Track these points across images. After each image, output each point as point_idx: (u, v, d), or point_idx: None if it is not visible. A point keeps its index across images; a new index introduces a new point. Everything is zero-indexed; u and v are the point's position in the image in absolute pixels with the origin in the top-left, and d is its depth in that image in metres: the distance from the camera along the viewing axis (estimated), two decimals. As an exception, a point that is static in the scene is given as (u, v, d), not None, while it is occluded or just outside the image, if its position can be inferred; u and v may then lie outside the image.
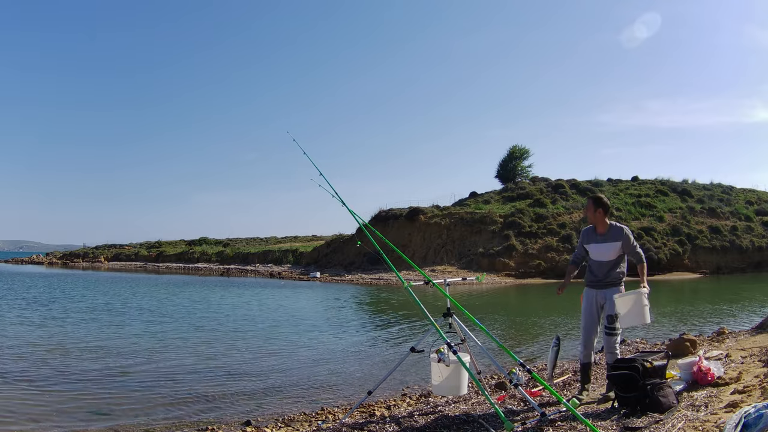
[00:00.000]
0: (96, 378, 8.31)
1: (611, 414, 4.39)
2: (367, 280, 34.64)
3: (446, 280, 5.73)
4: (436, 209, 43.58)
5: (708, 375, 5.00)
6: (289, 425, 5.75)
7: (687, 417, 3.99)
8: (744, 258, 38.91)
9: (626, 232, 5.12)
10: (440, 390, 5.31)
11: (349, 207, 6.26)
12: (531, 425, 4.35)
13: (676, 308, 18.13)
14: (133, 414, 6.45)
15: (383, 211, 45.46)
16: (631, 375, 4.38)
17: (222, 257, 61.88)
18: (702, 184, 47.94)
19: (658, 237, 37.60)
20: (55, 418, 6.26)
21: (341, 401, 6.91)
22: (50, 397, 7.21)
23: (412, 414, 5.40)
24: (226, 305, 20.34)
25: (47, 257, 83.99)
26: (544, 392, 5.61)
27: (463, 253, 38.15)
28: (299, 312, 18.37)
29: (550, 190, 44.27)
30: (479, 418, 4.83)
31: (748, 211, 42.89)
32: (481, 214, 40.58)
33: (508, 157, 50.22)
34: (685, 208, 41.85)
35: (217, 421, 6.12)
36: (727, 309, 17.42)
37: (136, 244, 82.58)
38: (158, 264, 65.66)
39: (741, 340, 8.43)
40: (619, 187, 45.83)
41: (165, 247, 74.12)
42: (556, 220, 39.03)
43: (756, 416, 3.28)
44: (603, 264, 5.12)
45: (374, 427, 4.89)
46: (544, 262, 35.38)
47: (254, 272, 47.87)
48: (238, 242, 73.91)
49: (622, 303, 4.87)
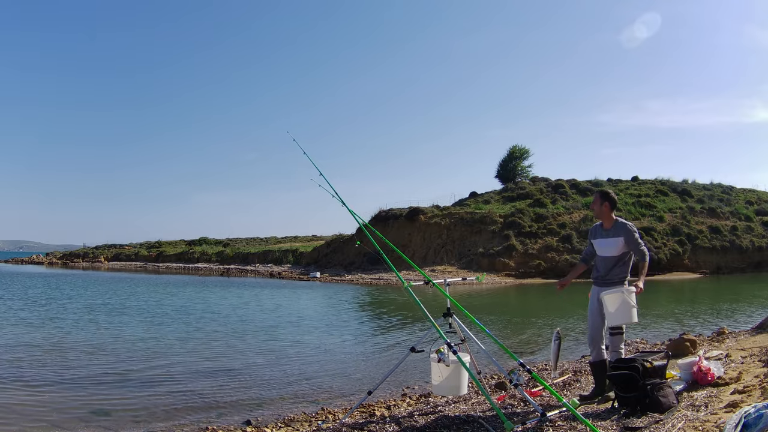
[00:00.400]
0: (95, 378, 8.30)
1: (611, 414, 4.39)
2: (367, 280, 34.64)
3: (446, 280, 5.73)
4: (436, 209, 43.58)
5: (708, 375, 5.00)
6: (289, 425, 5.75)
7: (687, 417, 3.99)
8: (744, 258, 38.91)
9: (630, 228, 5.11)
10: (440, 390, 5.30)
11: (349, 207, 6.26)
12: (531, 425, 4.35)
13: (676, 308, 18.14)
14: (133, 414, 6.45)
15: (383, 211, 45.48)
16: (631, 375, 4.38)
17: (222, 257, 61.89)
18: (702, 184, 47.96)
19: (658, 237, 37.60)
20: (55, 419, 6.25)
21: (341, 401, 6.91)
22: (49, 397, 7.20)
23: (412, 414, 5.40)
24: (226, 305, 20.34)
25: (47, 257, 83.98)
26: (544, 392, 5.61)
27: (463, 253, 38.15)
28: (299, 312, 18.36)
29: (550, 190, 44.28)
30: (479, 418, 4.83)
31: (748, 211, 42.90)
32: (481, 214, 40.59)
33: (508, 157, 50.23)
34: (685, 208, 41.85)
35: (218, 421, 6.12)
36: (727, 309, 17.42)
37: (136, 244, 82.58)
38: (158, 264, 65.65)
39: (741, 340, 8.43)
40: (619, 187, 45.81)
41: (165, 247, 74.11)
42: (556, 220, 39.03)
43: (756, 416, 3.28)
44: (607, 260, 5.11)
45: (374, 427, 4.89)
46: (544, 262, 35.39)
47: (254, 272, 47.87)
48: (238, 242, 73.91)
49: (610, 300, 4.86)
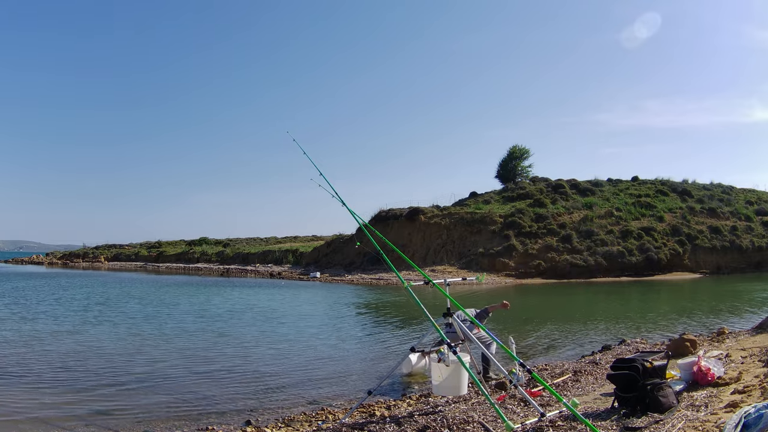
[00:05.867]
0: (96, 378, 8.31)
1: (611, 414, 4.38)
2: (367, 280, 34.64)
3: (446, 280, 5.74)
4: (436, 209, 43.58)
5: (708, 375, 5.00)
6: (289, 425, 5.75)
7: (687, 417, 3.99)
8: (744, 258, 38.90)
9: None
10: (440, 390, 5.31)
11: (349, 207, 6.27)
12: (531, 425, 4.35)
13: (676, 308, 18.14)
14: (133, 414, 6.45)
15: (383, 211, 45.48)
16: (631, 375, 4.38)
17: (222, 257, 61.89)
18: (702, 184, 47.95)
19: (658, 237, 37.60)
20: (55, 419, 6.25)
21: (341, 401, 6.91)
22: (50, 397, 7.21)
23: (412, 414, 5.40)
24: (226, 306, 20.33)
25: (47, 257, 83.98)
26: (544, 392, 5.61)
27: (463, 253, 38.15)
28: (299, 312, 18.36)
29: (550, 190, 44.27)
30: (479, 418, 4.83)
31: (748, 211, 42.89)
32: (481, 214, 40.58)
33: (508, 157, 50.19)
34: (685, 208, 41.85)
35: (218, 421, 6.12)
36: (727, 309, 17.42)
37: (136, 244, 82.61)
38: (158, 264, 65.65)
39: (741, 340, 8.43)
40: (619, 187, 45.83)
41: (165, 247, 74.13)
42: (556, 220, 39.03)
43: (756, 416, 3.28)
44: None
45: (374, 427, 4.88)
46: (544, 262, 35.38)
47: (254, 272, 47.87)
48: (238, 242, 73.92)
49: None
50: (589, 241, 36.57)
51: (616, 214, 39.93)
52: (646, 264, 35.55)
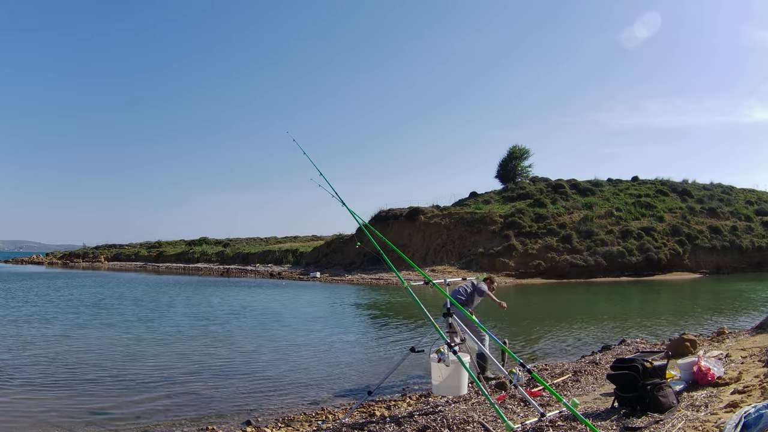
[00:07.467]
0: (95, 379, 8.31)
1: (611, 414, 4.38)
2: (367, 280, 34.64)
3: (446, 280, 5.73)
4: (436, 209, 43.58)
5: (708, 375, 5.00)
6: (289, 425, 5.75)
7: (687, 417, 3.99)
8: (744, 258, 38.90)
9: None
10: (440, 390, 5.31)
11: (349, 207, 6.26)
12: (531, 425, 4.34)
13: (676, 308, 18.14)
14: (133, 414, 6.45)
15: (383, 211, 45.47)
16: (631, 375, 4.38)
17: (222, 257, 61.88)
18: (702, 184, 47.94)
19: (658, 237, 37.60)
20: (55, 419, 6.25)
21: (341, 401, 6.91)
22: (50, 398, 7.20)
23: (412, 414, 5.40)
24: (226, 306, 20.33)
25: (47, 257, 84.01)
26: (544, 392, 5.61)
27: (463, 253, 38.15)
28: (299, 312, 18.35)
29: (550, 190, 44.26)
30: (479, 418, 4.83)
31: (748, 211, 42.88)
32: (481, 214, 40.58)
33: (508, 157, 50.17)
34: (685, 208, 41.84)
35: (217, 421, 6.12)
36: (727, 309, 17.42)
37: (136, 244, 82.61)
38: (158, 264, 65.65)
39: (741, 340, 8.43)
40: (619, 187, 45.82)
41: (165, 247, 74.13)
42: (556, 220, 39.02)
43: (756, 416, 3.28)
44: None
45: (374, 427, 4.88)
46: (544, 262, 35.38)
47: (254, 272, 47.85)
48: (238, 242, 73.91)
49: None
50: (589, 241, 36.56)
51: (616, 214, 39.92)
52: (646, 264, 35.54)
